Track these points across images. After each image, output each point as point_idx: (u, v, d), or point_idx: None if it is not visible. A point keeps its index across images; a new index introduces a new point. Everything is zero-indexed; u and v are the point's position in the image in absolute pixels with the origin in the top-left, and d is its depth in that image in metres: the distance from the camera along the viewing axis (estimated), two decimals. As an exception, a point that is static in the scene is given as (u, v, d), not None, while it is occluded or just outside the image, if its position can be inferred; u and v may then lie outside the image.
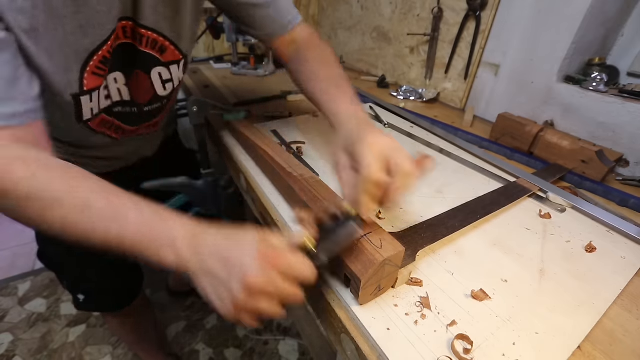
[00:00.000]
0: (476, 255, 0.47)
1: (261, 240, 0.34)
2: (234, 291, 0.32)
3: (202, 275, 0.34)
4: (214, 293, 0.34)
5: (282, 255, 0.33)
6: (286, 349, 1.27)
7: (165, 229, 0.36)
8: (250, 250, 0.33)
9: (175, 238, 0.35)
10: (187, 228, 0.36)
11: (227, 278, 0.32)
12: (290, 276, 0.33)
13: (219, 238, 0.35)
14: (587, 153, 0.68)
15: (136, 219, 0.36)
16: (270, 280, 0.32)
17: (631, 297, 0.43)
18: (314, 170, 0.65)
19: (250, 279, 0.31)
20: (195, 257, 0.34)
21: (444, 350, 0.34)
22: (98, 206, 0.36)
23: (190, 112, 0.72)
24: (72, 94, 0.48)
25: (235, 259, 0.33)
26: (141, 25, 0.52)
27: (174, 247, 0.35)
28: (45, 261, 0.79)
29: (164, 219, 0.37)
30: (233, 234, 0.35)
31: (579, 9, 0.73)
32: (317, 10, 1.73)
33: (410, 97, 1.15)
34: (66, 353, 1.23)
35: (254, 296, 0.32)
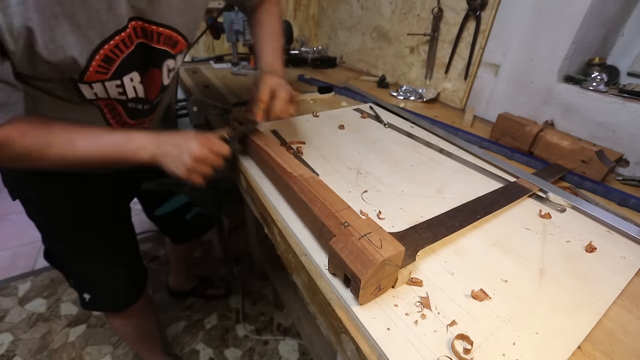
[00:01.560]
0: (476, 255, 0.47)
1: (198, 133, 0.56)
2: (185, 160, 0.54)
3: (164, 157, 0.55)
4: (173, 165, 0.55)
5: (211, 140, 0.57)
6: (286, 349, 1.27)
7: (138, 138, 0.55)
8: (192, 137, 0.55)
9: (145, 142, 0.55)
10: (150, 135, 0.56)
11: (180, 153, 0.54)
12: (215, 151, 0.57)
13: (171, 134, 0.56)
14: (587, 153, 0.68)
15: (114, 136, 0.55)
16: (205, 152, 0.55)
17: (631, 297, 0.43)
18: (314, 170, 0.65)
19: (194, 150, 0.54)
20: (159, 149, 0.55)
21: (444, 350, 0.34)
22: (80, 138, 0.52)
23: (190, 112, 0.72)
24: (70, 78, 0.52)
25: (183, 143, 0.55)
26: (155, 22, 0.55)
27: (146, 148, 0.55)
28: (52, 260, 0.80)
29: (134, 133, 0.56)
30: (180, 132, 0.57)
31: (579, 9, 0.73)
32: (317, 10, 1.73)
33: (410, 97, 1.15)
34: (66, 353, 1.23)
35: (197, 162, 0.54)
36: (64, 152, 0.51)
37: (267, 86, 0.64)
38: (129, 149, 0.54)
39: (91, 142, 0.53)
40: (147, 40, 0.56)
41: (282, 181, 0.55)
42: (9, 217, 1.81)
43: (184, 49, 0.65)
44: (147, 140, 0.55)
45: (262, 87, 0.64)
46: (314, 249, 0.46)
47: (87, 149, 0.52)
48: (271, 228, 0.57)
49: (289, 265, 0.52)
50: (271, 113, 0.63)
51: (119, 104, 0.62)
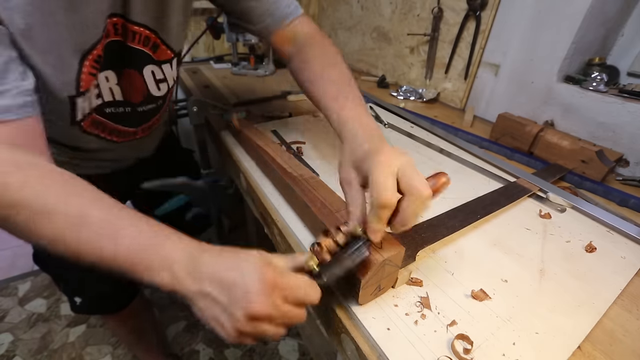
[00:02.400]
0: (476, 255, 0.47)
1: (262, 262, 0.32)
2: (236, 317, 0.31)
3: (200, 300, 0.33)
4: (214, 318, 0.32)
5: (286, 278, 0.32)
6: (286, 349, 1.27)
7: (162, 249, 0.34)
8: (251, 273, 0.31)
9: (173, 259, 0.33)
10: (185, 248, 0.34)
11: (228, 303, 0.31)
12: (294, 299, 0.32)
13: (218, 260, 0.33)
14: (587, 153, 0.68)
15: (133, 238, 0.34)
16: (273, 306, 0.31)
17: (631, 297, 0.43)
18: (314, 170, 0.65)
19: (253, 306, 0.30)
20: (193, 281, 0.32)
21: (444, 350, 0.34)
22: (93, 221, 0.34)
23: (190, 112, 0.72)
24: (69, 95, 0.47)
25: (237, 284, 0.31)
26: (132, 21, 0.51)
27: (171, 269, 0.33)
28: (41, 264, 0.78)
29: (161, 238, 0.35)
30: (234, 256, 0.33)
31: (579, 9, 0.73)
32: (317, 10, 1.73)
33: (410, 97, 1.15)
34: (66, 353, 1.23)
35: (257, 321, 0.31)
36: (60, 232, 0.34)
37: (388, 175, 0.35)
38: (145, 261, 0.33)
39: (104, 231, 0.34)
40: (123, 38, 0.52)
41: (282, 181, 0.55)
42: (9, 217, 1.81)
43: (170, 58, 0.59)
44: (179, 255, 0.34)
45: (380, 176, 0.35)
46: (314, 249, 0.46)
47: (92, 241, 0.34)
48: (271, 228, 0.57)
49: (289, 265, 0.52)
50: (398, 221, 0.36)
51: (98, 114, 0.57)
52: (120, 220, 0.35)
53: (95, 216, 0.34)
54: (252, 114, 0.91)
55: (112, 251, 0.33)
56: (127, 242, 0.34)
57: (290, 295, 0.32)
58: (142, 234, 0.34)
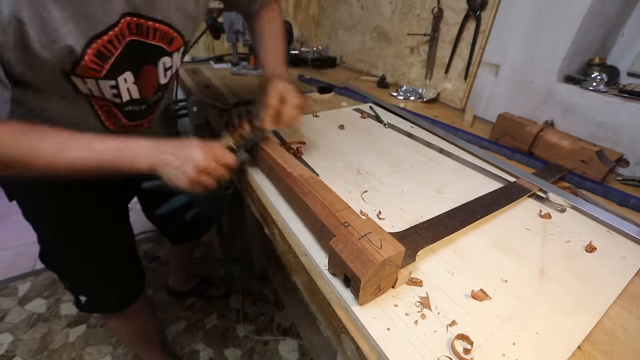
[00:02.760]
0: (476, 255, 0.47)
1: (202, 142, 0.53)
2: (188, 171, 0.50)
3: (164, 167, 0.51)
4: (174, 176, 0.51)
5: (215, 148, 0.54)
6: (286, 349, 1.27)
7: (135, 144, 0.51)
8: (196, 146, 0.52)
9: (144, 150, 0.51)
10: (149, 142, 0.51)
11: (182, 163, 0.51)
12: (220, 162, 0.54)
13: (172, 143, 0.52)
14: (587, 153, 0.68)
15: (109, 143, 0.49)
16: (209, 163, 0.52)
17: (631, 297, 0.43)
18: (314, 170, 0.65)
19: (198, 161, 0.51)
20: (159, 158, 0.51)
21: (444, 350, 0.34)
22: (71, 145, 0.48)
23: (190, 112, 0.72)
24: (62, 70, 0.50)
25: (186, 152, 0.51)
26: (150, 18, 0.53)
27: (144, 156, 0.51)
28: (47, 262, 0.79)
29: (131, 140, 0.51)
30: (181, 140, 0.53)
31: (579, 9, 0.73)
32: (317, 10, 1.73)
33: (410, 97, 1.15)
34: (66, 353, 1.23)
35: (201, 174, 0.51)
36: (53, 160, 0.47)
37: (275, 91, 0.60)
38: (125, 157, 0.50)
39: (84, 149, 0.48)
40: (141, 37, 0.54)
41: (282, 181, 0.55)
42: (9, 217, 1.81)
43: (181, 47, 0.63)
44: (146, 148, 0.51)
45: (271, 92, 0.60)
46: (314, 249, 0.46)
47: (78, 156, 0.47)
48: (271, 228, 0.57)
49: (289, 266, 0.52)
50: (281, 119, 0.59)
51: (115, 107, 0.60)
52: (91, 138, 0.49)
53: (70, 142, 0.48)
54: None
55: (96, 159, 0.48)
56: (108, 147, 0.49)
57: (217, 158, 0.53)
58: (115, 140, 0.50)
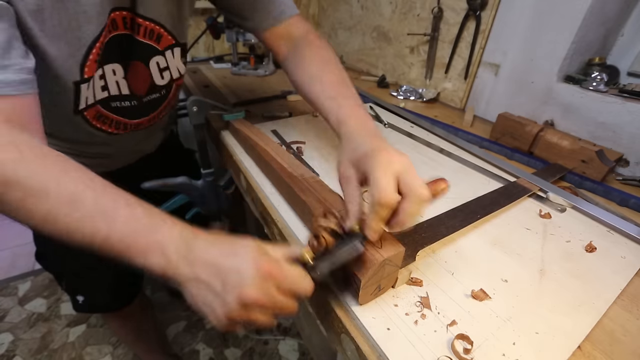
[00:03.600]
0: (476, 255, 0.47)
1: (258, 251, 0.32)
2: (228, 303, 0.31)
3: (193, 285, 0.32)
4: (206, 303, 0.32)
5: (280, 268, 0.32)
6: (286, 349, 1.27)
7: (156, 233, 0.34)
8: (246, 261, 0.31)
9: (167, 243, 0.33)
10: (180, 232, 0.34)
11: (221, 289, 0.31)
12: (287, 289, 0.32)
13: (213, 246, 0.34)
14: (587, 153, 0.68)
15: (127, 219, 0.34)
16: (266, 294, 0.31)
17: (631, 297, 0.43)
18: (314, 170, 0.65)
19: (246, 292, 0.30)
20: (187, 266, 0.32)
21: (444, 350, 0.34)
22: (87, 201, 0.33)
23: (190, 112, 0.72)
24: (74, 81, 0.48)
25: (231, 270, 0.31)
26: (139, 15, 0.52)
27: (165, 253, 0.33)
28: (43, 262, 0.78)
29: (156, 222, 0.34)
30: (228, 242, 0.34)
31: (579, 9, 0.73)
32: (317, 10, 1.73)
33: (410, 97, 1.15)
34: (66, 353, 1.23)
35: (249, 308, 0.31)
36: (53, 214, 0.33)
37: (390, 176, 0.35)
38: (138, 245, 0.33)
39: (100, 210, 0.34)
40: (129, 31, 0.53)
41: (282, 181, 0.55)
42: (9, 217, 1.81)
43: (172, 45, 0.61)
44: (173, 239, 0.34)
45: (381, 175, 0.35)
46: (314, 249, 0.46)
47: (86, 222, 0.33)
48: (271, 228, 0.57)
49: (289, 265, 0.52)
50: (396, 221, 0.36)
51: (104, 107, 0.58)
52: (114, 202, 0.35)
53: (89, 197, 0.34)
54: (251, 113, 0.91)
55: (105, 233, 0.33)
56: (121, 224, 0.33)
57: (283, 285, 0.32)
58: (137, 216, 0.34)
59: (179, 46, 0.62)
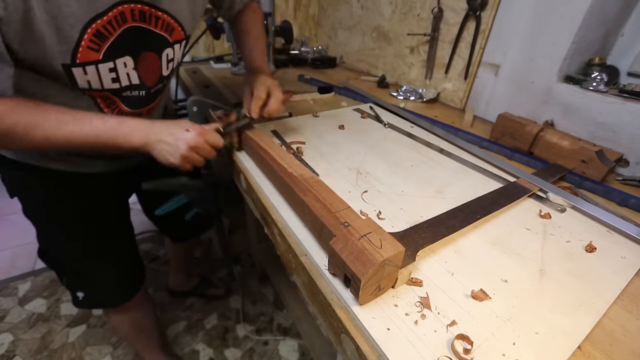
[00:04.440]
0: (476, 255, 0.47)
1: (193, 123, 0.58)
2: (180, 148, 0.55)
3: (158, 145, 0.55)
4: (167, 152, 0.55)
5: (206, 130, 0.59)
6: (286, 349, 1.27)
7: (130, 122, 0.55)
8: (187, 126, 0.57)
9: (138, 126, 0.55)
10: (144, 121, 0.56)
11: (175, 141, 0.55)
12: (209, 142, 0.59)
13: (165, 122, 0.57)
14: (587, 153, 0.68)
15: (108, 121, 0.53)
16: (200, 142, 0.57)
17: (631, 297, 0.43)
18: (314, 170, 0.65)
19: (190, 140, 0.55)
20: (153, 135, 0.55)
21: (444, 350, 0.34)
22: (69, 120, 0.51)
23: (190, 112, 0.72)
24: (63, 63, 0.51)
25: (178, 131, 0.56)
26: (159, 8, 0.56)
27: (139, 132, 0.54)
28: (46, 259, 0.79)
29: (126, 119, 0.55)
30: (174, 120, 0.59)
31: (579, 9, 0.73)
32: (317, 10, 1.73)
33: (410, 97, 1.15)
34: (66, 353, 1.23)
35: (191, 151, 0.56)
36: (51, 132, 0.50)
37: (263, 85, 0.69)
38: (120, 132, 0.53)
39: (80, 124, 0.51)
40: (145, 23, 0.57)
41: (282, 181, 0.55)
42: (9, 217, 1.81)
43: (181, 39, 0.65)
44: (140, 125, 0.55)
45: (259, 85, 0.69)
46: (314, 249, 0.46)
47: (75, 130, 0.51)
48: (271, 228, 0.57)
49: (289, 266, 0.52)
50: (267, 110, 0.68)
51: (113, 94, 0.61)
52: (92, 115, 0.53)
53: (69, 117, 0.51)
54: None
55: (93, 134, 0.52)
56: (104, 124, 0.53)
57: (208, 139, 0.58)
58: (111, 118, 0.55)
59: (186, 39, 0.67)
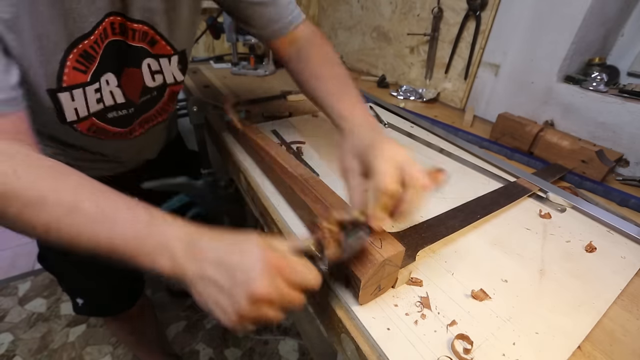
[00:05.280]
0: (476, 255, 0.47)
1: (264, 245, 0.32)
2: (238, 301, 0.30)
3: (201, 284, 0.32)
4: (215, 302, 0.32)
5: (287, 261, 0.32)
6: (286, 349, 1.27)
7: (160, 233, 0.33)
8: (254, 256, 0.31)
9: (173, 243, 0.33)
10: (185, 232, 0.34)
11: (230, 286, 0.31)
12: (295, 282, 0.32)
13: (220, 243, 0.33)
14: (587, 153, 0.68)
15: (129, 223, 0.33)
16: (275, 288, 0.31)
17: (631, 297, 0.43)
18: (314, 170, 0.65)
19: (256, 288, 0.30)
20: (194, 264, 0.32)
21: (444, 350, 0.34)
22: (87, 208, 0.33)
23: (190, 112, 0.72)
24: (48, 89, 0.45)
25: (239, 266, 0.31)
26: (131, 19, 0.50)
27: (171, 253, 0.32)
28: (45, 264, 0.78)
29: (159, 223, 0.34)
30: (235, 239, 0.33)
31: (579, 9, 0.73)
32: (317, 10, 1.73)
33: (410, 97, 1.15)
34: (66, 353, 1.23)
35: (258, 304, 0.31)
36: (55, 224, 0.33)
37: (392, 168, 0.38)
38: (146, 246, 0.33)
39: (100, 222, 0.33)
40: (122, 37, 0.50)
41: (282, 181, 0.55)
42: (9, 217, 1.81)
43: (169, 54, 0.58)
44: (179, 240, 0.33)
45: (383, 165, 0.38)
46: (314, 249, 0.46)
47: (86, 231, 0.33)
48: (271, 228, 0.57)
49: (289, 265, 0.52)
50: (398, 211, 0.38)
51: (99, 119, 0.55)
52: (115, 206, 0.34)
53: (88, 204, 0.33)
54: (251, 113, 0.91)
55: (108, 238, 0.33)
56: (124, 228, 0.33)
57: (290, 278, 0.32)
58: (139, 219, 0.34)
59: (176, 54, 0.60)
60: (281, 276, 0.31)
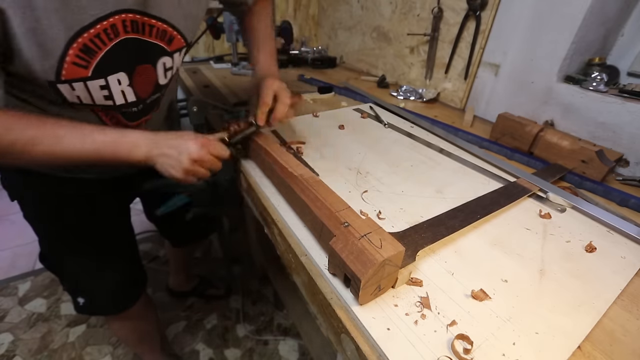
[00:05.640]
0: (476, 255, 0.47)
1: (197, 134, 0.55)
2: (183, 161, 0.52)
3: (160, 158, 0.53)
4: (170, 166, 0.53)
5: (211, 141, 0.56)
6: (286, 349, 1.27)
7: (131, 135, 0.52)
8: (191, 138, 0.54)
9: (142, 141, 0.52)
10: (146, 134, 0.53)
11: (178, 155, 0.52)
12: (214, 153, 0.56)
13: (170, 135, 0.54)
14: (587, 153, 0.68)
15: (107, 134, 0.51)
16: (204, 155, 0.54)
17: (631, 297, 0.43)
18: (314, 170, 0.65)
19: (192, 153, 0.53)
20: (156, 149, 0.53)
21: (444, 350, 0.34)
22: (70, 134, 0.49)
23: (190, 112, 0.72)
24: (48, 80, 0.49)
25: (182, 145, 0.53)
26: (151, 15, 0.53)
27: (141, 146, 0.52)
28: (47, 263, 0.79)
29: (128, 131, 0.53)
30: (178, 132, 0.55)
31: (579, 9, 0.73)
32: (317, 10, 1.73)
33: (410, 97, 1.15)
34: (66, 353, 1.23)
35: (195, 164, 0.53)
36: (50, 149, 0.47)
37: (270, 89, 0.63)
38: (122, 147, 0.51)
39: (81, 139, 0.49)
40: (138, 34, 0.53)
41: (282, 181, 0.55)
42: (9, 217, 1.81)
43: (182, 47, 0.62)
44: (142, 138, 0.52)
45: (265, 90, 0.63)
46: (314, 249, 0.46)
47: (76, 146, 0.48)
48: (271, 228, 0.57)
49: (289, 265, 0.52)
50: (274, 116, 0.63)
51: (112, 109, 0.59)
52: (89, 128, 0.50)
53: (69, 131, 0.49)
54: (248, 112, 0.90)
55: (93, 149, 0.50)
56: (102, 138, 0.50)
57: (212, 150, 0.55)
58: (112, 130, 0.52)
59: (187, 46, 0.64)
60: (207, 149, 0.54)
